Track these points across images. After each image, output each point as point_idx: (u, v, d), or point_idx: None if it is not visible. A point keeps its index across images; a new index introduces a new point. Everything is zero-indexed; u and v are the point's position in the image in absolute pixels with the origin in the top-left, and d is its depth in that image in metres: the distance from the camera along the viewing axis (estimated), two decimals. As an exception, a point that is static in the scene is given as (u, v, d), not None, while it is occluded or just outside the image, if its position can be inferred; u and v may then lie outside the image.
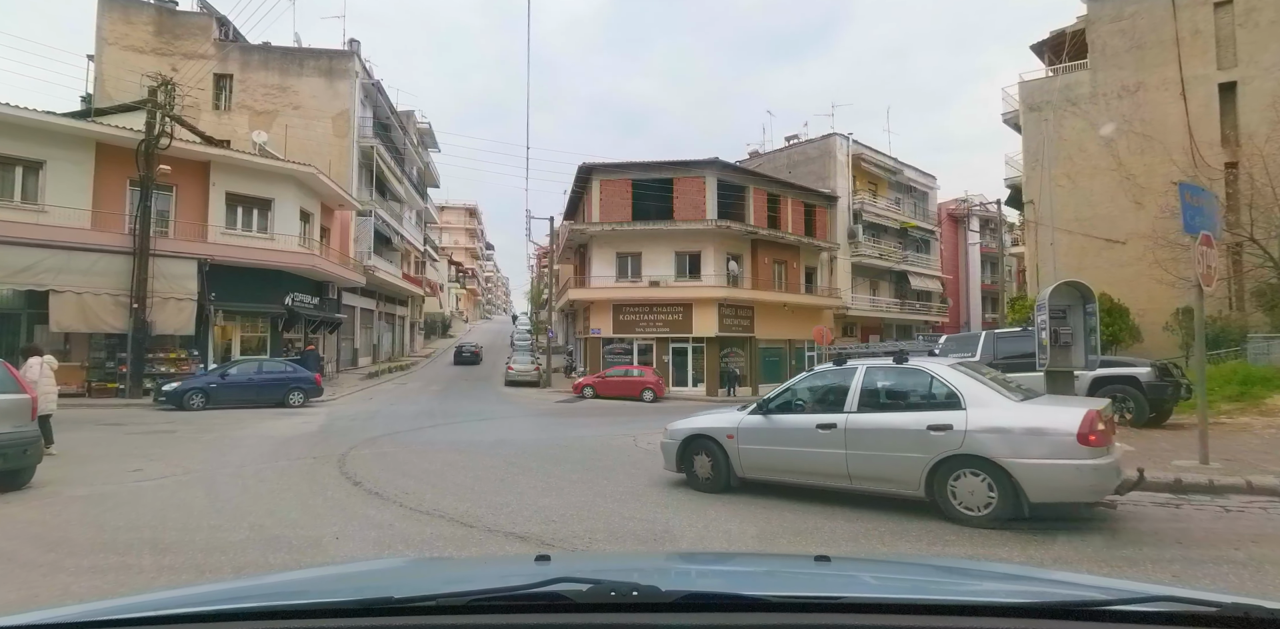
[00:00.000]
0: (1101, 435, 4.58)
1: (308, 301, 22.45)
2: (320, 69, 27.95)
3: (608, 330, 26.80)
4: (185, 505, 5.63)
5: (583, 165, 27.17)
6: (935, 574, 1.75)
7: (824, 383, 6.06)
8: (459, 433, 12.45)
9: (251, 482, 6.79)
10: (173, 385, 15.47)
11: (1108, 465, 4.60)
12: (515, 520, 5.17)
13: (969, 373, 5.33)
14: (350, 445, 9.89)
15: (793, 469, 5.85)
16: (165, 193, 18.84)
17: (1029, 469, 4.63)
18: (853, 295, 33.60)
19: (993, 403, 4.98)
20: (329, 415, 15.17)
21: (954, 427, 4.92)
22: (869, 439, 5.33)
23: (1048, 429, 4.69)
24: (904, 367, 5.56)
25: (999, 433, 4.79)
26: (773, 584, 1.55)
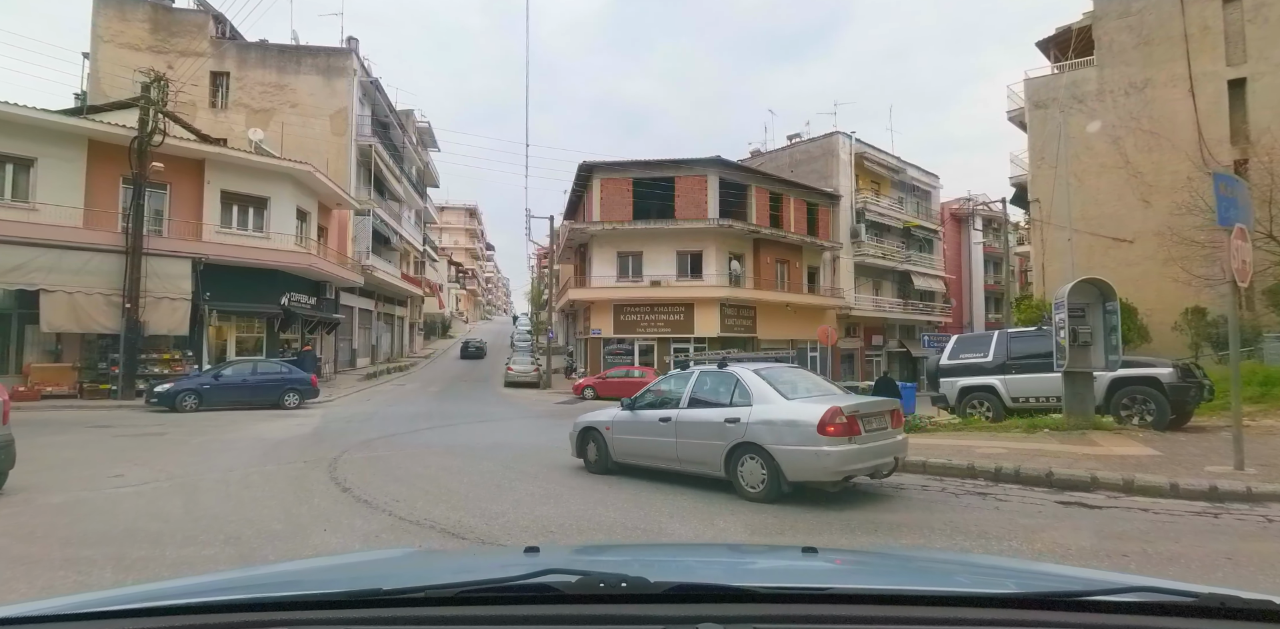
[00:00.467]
0: (841, 427, 5.44)
1: (304, 302, 22.16)
2: (318, 67, 27.67)
3: (608, 331, 26.49)
4: (162, 514, 5.32)
5: (583, 164, 26.88)
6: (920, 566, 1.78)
7: (670, 385, 7.20)
8: (456, 435, 12.15)
9: (236, 488, 6.48)
10: (165, 386, 15.17)
11: (845, 451, 5.43)
12: (511, 531, 4.87)
13: (764, 376, 6.26)
14: (343, 449, 9.58)
15: (645, 454, 6.98)
16: (159, 191, 18.54)
17: (785, 454, 5.60)
18: (855, 295, 33.27)
19: (771, 400, 5.94)
20: (324, 417, 14.86)
21: (741, 420, 5.95)
22: (690, 430, 6.43)
23: (799, 421, 5.60)
24: (722, 371, 6.56)
25: (767, 424, 5.77)
26: (760, 575, 1.57)
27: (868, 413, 5.82)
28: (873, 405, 6.04)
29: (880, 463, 5.80)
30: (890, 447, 5.93)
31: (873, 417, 5.87)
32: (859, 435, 5.58)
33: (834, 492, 5.81)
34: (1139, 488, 5.61)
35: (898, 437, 6.15)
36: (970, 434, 8.44)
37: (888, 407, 6.23)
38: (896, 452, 6.04)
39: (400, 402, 19.54)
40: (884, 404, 6.26)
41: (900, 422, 6.39)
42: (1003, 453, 6.93)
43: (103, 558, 3.92)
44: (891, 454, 5.93)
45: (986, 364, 10.27)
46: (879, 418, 5.95)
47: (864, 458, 5.59)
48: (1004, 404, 10.00)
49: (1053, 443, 7.36)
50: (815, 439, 5.43)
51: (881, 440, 5.83)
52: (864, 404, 5.92)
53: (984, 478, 6.33)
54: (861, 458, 5.57)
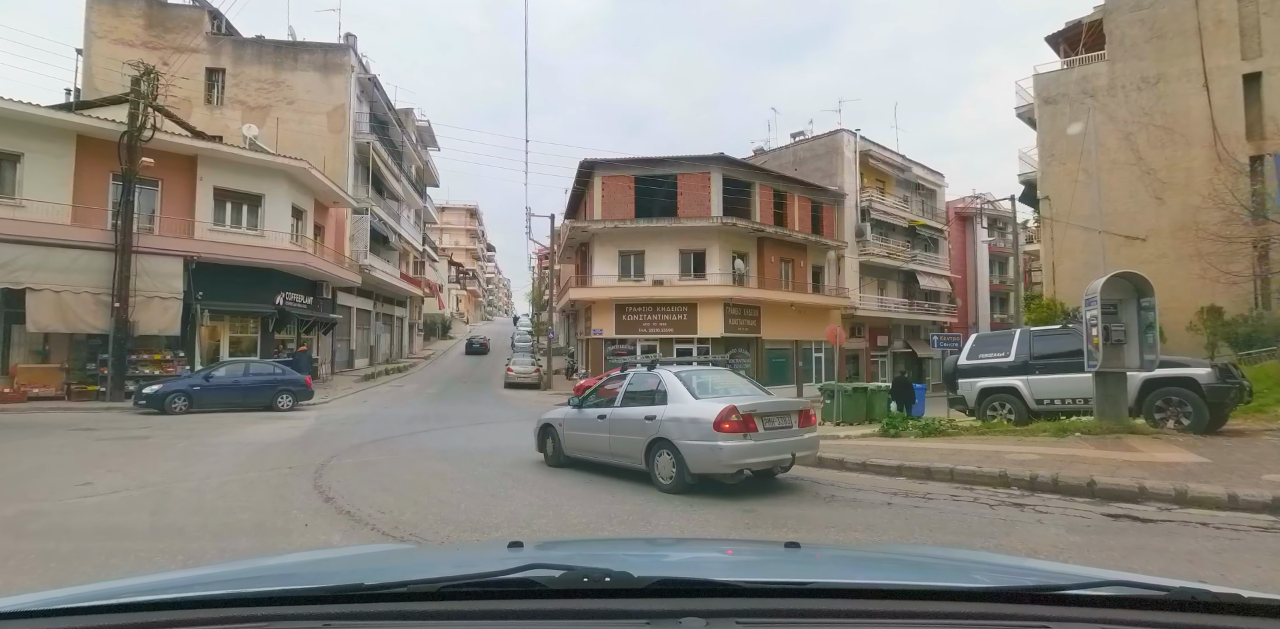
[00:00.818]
0: (735, 424, 5.88)
1: (300, 301, 21.71)
2: (315, 63, 27.24)
3: (610, 331, 26.01)
4: (122, 529, 4.85)
5: (584, 161, 26.43)
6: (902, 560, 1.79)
7: (610, 385, 7.73)
8: (452, 439, 11.68)
9: (211, 498, 6.01)
10: (154, 388, 14.71)
11: (739, 446, 5.87)
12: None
13: (681, 377, 6.76)
14: (332, 454, 9.11)
15: (587, 449, 7.56)
16: (150, 188, 18.11)
17: (688, 448, 6.07)
18: (860, 295, 32.77)
19: (682, 399, 6.44)
20: (318, 419, 14.40)
21: (657, 417, 6.46)
22: (619, 426, 6.96)
23: (699, 419, 6.06)
24: (651, 373, 7.12)
25: (676, 421, 6.26)
26: (743, 569, 1.58)
27: (767, 412, 6.23)
28: (774, 405, 6.45)
29: (777, 459, 6.26)
30: (790, 444, 6.34)
31: (774, 416, 6.31)
32: (755, 432, 6.00)
33: (731, 483, 6.21)
34: (1193, 499, 5.13)
35: (804, 435, 6.57)
36: (996, 438, 7.97)
37: (793, 407, 6.68)
38: (798, 449, 6.44)
39: (397, 403, 19.07)
40: (788, 405, 6.73)
41: (810, 421, 6.75)
42: (1035, 459, 6.46)
43: (37, 585, 3.45)
44: (790, 451, 6.34)
45: (1008, 364, 9.79)
46: (782, 417, 6.39)
47: (759, 453, 6.03)
48: (1027, 406, 9.52)
49: (1087, 448, 6.88)
50: (712, 435, 5.89)
51: (781, 438, 6.27)
52: (763, 404, 6.31)
53: (1018, 486, 5.85)
54: (756, 453, 6.00)
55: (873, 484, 6.47)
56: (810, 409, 6.91)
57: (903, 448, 7.88)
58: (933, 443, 8.11)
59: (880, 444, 8.48)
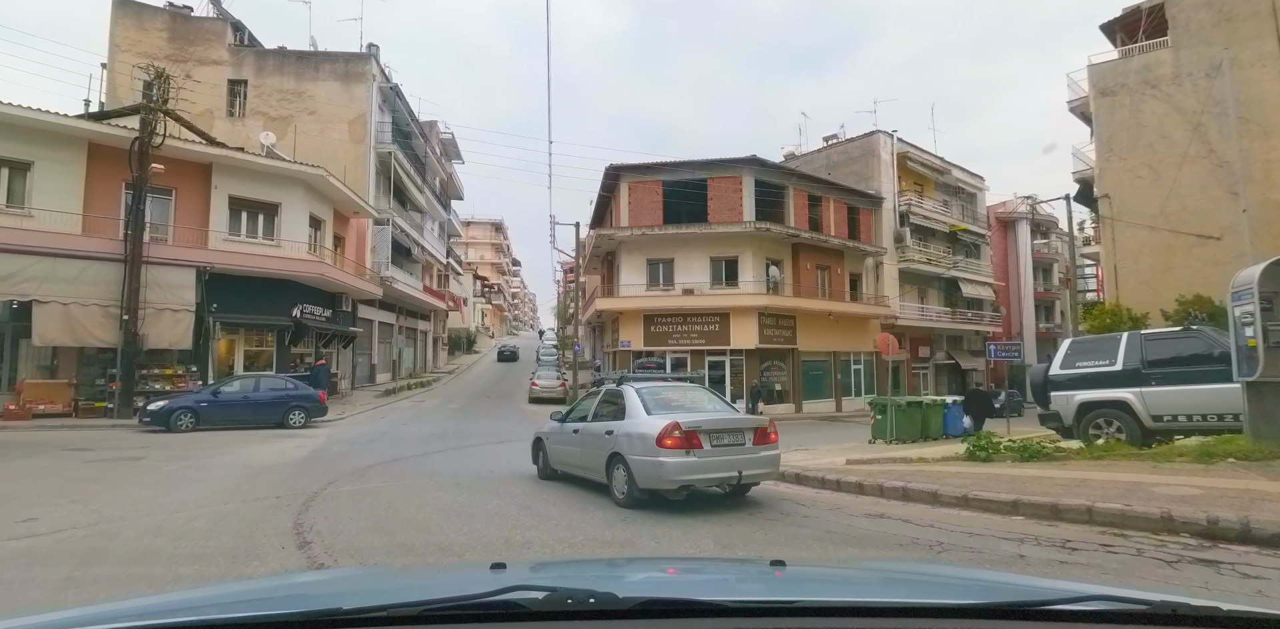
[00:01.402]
0: (678, 440, 5.92)
1: (318, 314, 20.95)
2: (336, 73, 26.86)
3: (638, 343, 24.80)
4: (30, 584, 3.77)
5: (610, 166, 25.46)
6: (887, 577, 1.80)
7: (587, 401, 7.84)
8: (468, 460, 10.53)
9: (166, 541, 4.91)
10: (159, 404, 13.88)
11: (681, 463, 5.90)
12: None
13: (642, 393, 6.84)
14: (331, 479, 8.02)
15: (566, 462, 7.71)
16: (163, 197, 17.55)
17: (635, 463, 6.12)
18: (901, 304, 31.11)
19: (636, 415, 6.53)
20: (328, 438, 13.41)
21: (614, 432, 6.58)
22: (587, 440, 7.10)
23: (646, 434, 6.12)
24: (619, 388, 7.17)
25: (628, 436, 6.34)
26: (729, 589, 1.56)
27: (715, 429, 6.19)
28: (722, 423, 6.39)
29: (724, 476, 6.17)
30: (739, 462, 6.21)
31: (724, 433, 6.26)
32: (700, 449, 6.00)
33: (676, 499, 6.18)
34: None
35: (759, 453, 6.41)
36: (1119, 464, 6.54)
37: (747, 424, 6.57)
38: (747, 467, 6.26)
39: (415, 420, 18.06)
40: (741, 422, 6.62)
41: (767, 440, 6.54)
42: (1196, 494, 5.05)
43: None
44: (737, 469, 6.19)
45: (1114, 373, 8.34)
46: (733, 434, 6.32)
47: (702, 470, 6.01)
48: (1141, 424, 8.06)
49: (1256, 479, 5.44)
50: (655, 450, 5.95)
51: (730, 456, 6.19)
52: (709, 421, 6.29)
53: (1191, 533, 4.45)
54: (699, 470, 5.99)
55: (984, 526, 5.12)
56: (769, 427, 6.66)
57: (1006, 476, 6.49)
58: (1040, 470, 6.71)
59: (974, 471, 7.08)
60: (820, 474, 8.05)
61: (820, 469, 8.74)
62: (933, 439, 15.85)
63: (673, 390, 7.42)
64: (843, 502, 6.80)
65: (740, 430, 6.40)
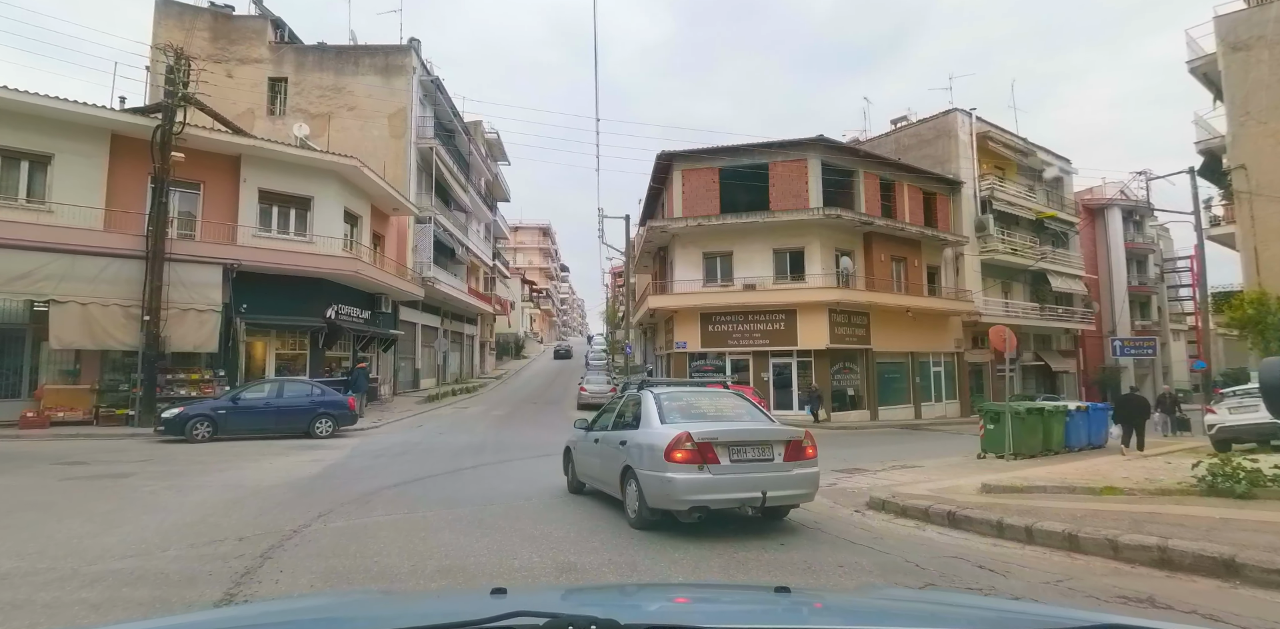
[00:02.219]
0: (689, 454, 5.19)
1: (356, 315, 19.74)
2: (376, 66, 25.92)
3: (695, 344, 22.77)
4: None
5: (662, 153, 23.58)
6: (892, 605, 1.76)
7: (612, 406, 7.09)
8: (503, 480, 8.74)
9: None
10: (174, 412, 12.66)
11: (693, 480, 5.16)
12: None
13: (660, 399, 6.08)
14: (326, 509, 6.32)
15: (588, 474, 7.09)
16: (191, 191, 16.60)
17: (644, 478, 5.44)
18: (984, 299, 28.08)
19: (650, 424, 5.81)
20: (353, 450, 11.88)
21: (627, 442, 5.96)
22: (605, 450, 6.46)
23: (655, 445, 5.41)
24: (638, 394, 6.48)
25: (638, 448, 5.70)
26: (732, 616, 1.55)
27: (735, 441, 5.40)
28: (746, 434, 5.56)
29: (744, 497, 5.30)
30: (763, 481, 5.33)
31: (747, 446, 5.44)
32: (716, 465, 5.25)
33: (688, 522, 5.33)
34: None
35: (790, 471, 5.49)
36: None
37: (776, 436, 5.61)
38: (774, 487, 5.35)
39: (454, 429, 16.50)
40: (769, 433, 5.66)
41: (802, 455, 5.58)
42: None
43: None
44: (761, 489, 5.28)
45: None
46: (757, 447, 5.47)
47: (719, 489, 5.22)
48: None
49: None
50: (663, 465, 5.24)
51: (753, 473, 5.36)
52: (729, 432, 5.50)
53: None
54: (715, 489, 5.21)
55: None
56: (805, 440, 5.64)
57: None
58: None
59: (1254, 517, 4.77)
60: (947, 505, 5.91)
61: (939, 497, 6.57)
62: (1054, 452, 13.29)
63: (698, 396, 6.59)
64: (1007, 556, 4.67)
65: (768, 443, 5.49)
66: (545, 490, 7.70)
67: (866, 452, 14.16)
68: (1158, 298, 44.06)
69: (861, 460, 12.08)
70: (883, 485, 8.29)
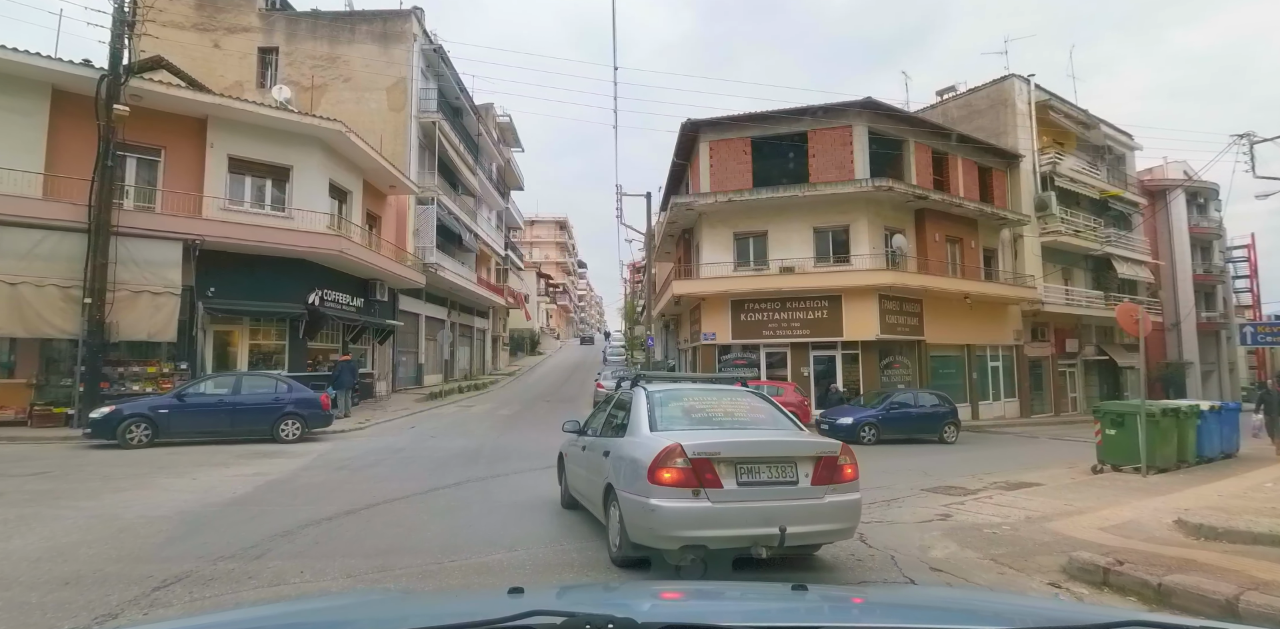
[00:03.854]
0: (680, 473, 3.87)
1: (344, 302, 17.56)
2: (373, 34, 23.75)
3: (724, 335, 20.28)
4: None
5: (686, 123, 21.09)
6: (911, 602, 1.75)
7: (602, 407, 6.05)
8: (489, 507, 6.39)
9: None
10: (103, 411, 10.49)
11: (684, 510, 3.81)
12: None
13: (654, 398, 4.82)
14: (181, 571, 4.02)
15: (575, 488, 5.88)
16: (150, 157, 14.48)
17: (625, 503, 4.16)
18: (1045, 285, 25.18)
19: (638, 431, 4.54)
20: (314, 460, 9.63)
21: (611, 453, 4.69)
22: (591, 460, 5.22)
23: (639, 460, 4.11)
24: (632, 391, 5.16)
25: (620, 461, 4.44)
26: (749, 614, 1.54)
27: (743, 457, 4.00)
28: (759, 446, 4.17)
29: (755, 534, 3.82)
30: (785, 512, 3.87)
31: (760, 463, 4.02)
32: (717, 489, 3.88)
33: (679, 564, 3.88)
34: None
35: (823, 498, 4.02)
36: None
37: (801, 451, 4.13)
38: (798, 520, 3.88)
39: (451, 431, 14.23)
40: (791, 447, 4.17)
41: (836, 477, 4.08)
42: None
43: None
44: (779, 523, 3.81)
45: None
46: (775, 466, 4.04)
47: (721, 523, 3.82)
48: None
49: None
50: (646, 487, 3.91)
51: (768, 501, 3.92)
52: (735, 444, 4.09)
53: None
54: (716, 522, 3.82)
55: None
56: (840, 456, 4.11)
57: None
58: None
59: None
60: (1214, 582, 3.39)
61: (1154, 553, 4.04)
62: (1188, 463, 10.62)
63: (705, 395, 5.12)
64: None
65: (790, 460, 4.07)
66: (539, 532, 5.31)
67: (942, 461, 11.66)
68: (1223, 288, 40.63)
69: (946, 474, 9.61)
70: (1025, 520, 5.79)
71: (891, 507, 6.83)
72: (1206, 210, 40.39)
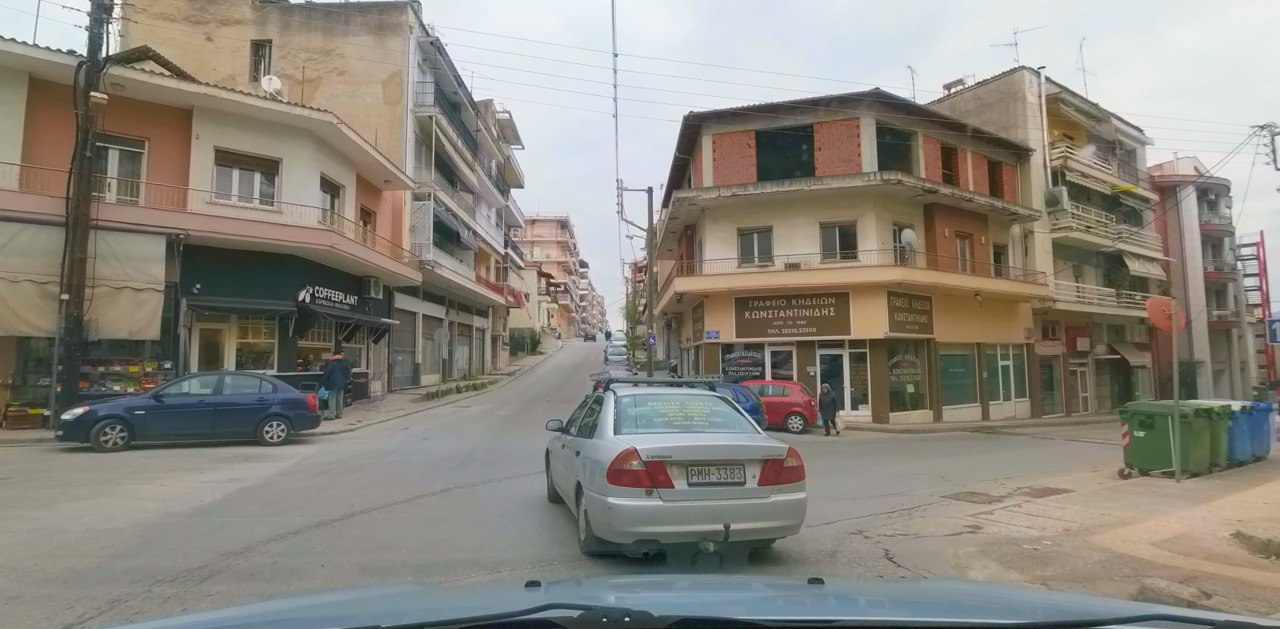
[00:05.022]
0: (634, 475, 4.22)
1: (337, 300, 17.05)
2: (369, 25, 23.23)
3: (728, 333, 19.74)
4: None
5: (689, 115, 20.53)
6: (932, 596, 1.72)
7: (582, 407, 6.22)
8: (476, 518, 5.86)
9: None
10: (76, 412, 9.98)
11: (638, 507, 4.18)
12: None
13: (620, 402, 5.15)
14: (96, 607, 3.44)
15: (558, 484, 6.16)
16: (134, 149, 13.97)
17: (590, 500, 4.58)
18: (1056, 282, 24.58)
19: (604, 433, 4.87)
20: (297, 463, 9.10)
21: (580, 454, 5.05)
22: (568, 459, 5.55)
23: (600, 462, 4.50)
24: (601, 394, 5.53)
25: (586, 462, 4.84)
26: (766, 608, 1.51)
27: (694, 460, 4.37)
28: (710, 450, 4.51)
29: (701, 530, 4.17)
30: (731, 510, 4.23)
31: (710, 465, 4.39)
32: (669, 489, 4.27)
33: (634, 556, 4.35)
34: None
35: (768, 498, 4.37)
36: None
37: (749, 454, 4.46)
38: (742, 518, 4.22)
39: (445, 432, 13.70)
40: (740, 451, 4.50)
41: (781, 478, 4.41)
42: None
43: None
44: (723, 520, 4.17)
45: None
46: (724, 468, 4.40)
47: (670, 520, 4.22)
48: None
49: None
50: (605, 487, 4.32)
51: (716, 499, 4.31)
52: (687, 448, 4.45)
53: None
54: (664, 519, 4.21)
55: None
56: (786, 459, 4.47)
57: None
58: None
59: None
60: None
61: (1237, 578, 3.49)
62: (1220, 467, 10.06)
63: (668, 400, 5.43)
64: None
65: (738, 463, 4.39)
66: (527, 551, 4.78)
67: (959, 464, 11.11)
68: (1234, 286, 40.03)
69: (965, 479, 9.08)
70: (1064, 532, 5.24)
71: (914, 516, 6.29)
72: (1217, 207, 39.77)
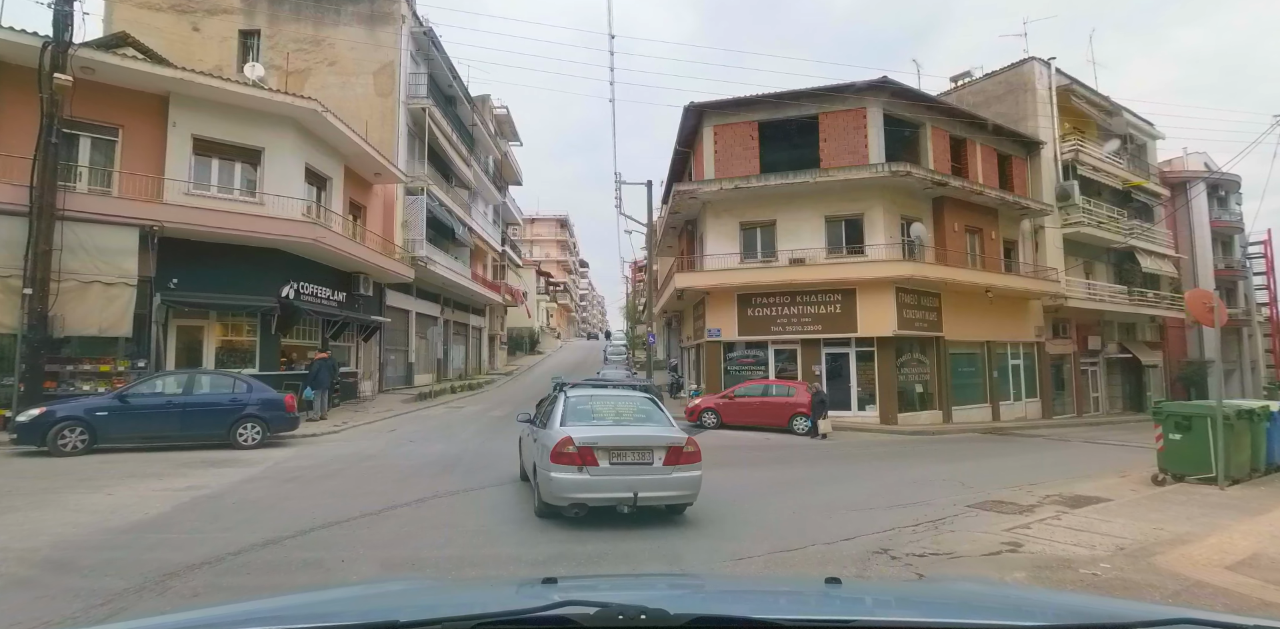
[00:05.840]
0: (568, 457, 5.61)
1: (323, 297, 16.38)
2: (360, 15, 22.55)
3: (730, 331, 19.06)
4: None
5: (690, 106, 19.85)
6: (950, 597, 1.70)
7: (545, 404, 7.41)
8: (449, 536, 5.21)
9: None
10: (31, 414, 9.31)
11: (572, 480, 5.60)
12: None
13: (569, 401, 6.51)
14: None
15: (525, 466, 7.40)
16: (107, 137, 13.29)
17: (540, 474, 5.92)
18: (1067, 279, 23.89)
19: (553, 425, 6.17)
20: (267, 469, 8.43)
21: (538, 440, 6.40)
22: (528, 445, 7.07)
23: (547, 446, 5.86)
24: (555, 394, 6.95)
25: (538, 446, 6.27)
26: (783, 607, 1.50)
27: (614, 446, 5.82)
28: (626, 440, 5.95)
29: (617, 497, 5.73)
30: (639, 483, 5.75)
31: (626, 450, 5.86)
32: (594, 467, 5.66)
33: (570, 516, 5.74)
34: None
35: (670, 474, 5.86)
36: None
37: (656, 442, 5.95)
38: (646, 489, 5.75)
39: (432, 435, 13.03)
40: (650, 440, 5.99)
41: (683, 459, 5.90)
42: None
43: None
44: (633, 490, 5.71)
45: None
46: (637, 452, 5.88)
47: (594, 489, 5.66)
48: None
49: None
50: (549, 465, 5.68)
51: (628, 475, 5.76)
52: (608, 438, 5.87)
53: None
54: (590, 489, 5.65)
55: None
56: (686, 446, 5.96)
57: None
58: None
59: None
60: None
61: None
62: (1259, 472, 9.39)
63: (605, 400, 6.78)
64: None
65: (648, 449, 5.90)
66: (507, 579, 4.09)
67: (978, 469, 10.42)
68: (1244, 283, 39.31)
69: (986, 485, 8.42)
70: (1119, 552, 4.57)
71: (941, 531, 5.61)
72: (1227, 203, 39.03)
